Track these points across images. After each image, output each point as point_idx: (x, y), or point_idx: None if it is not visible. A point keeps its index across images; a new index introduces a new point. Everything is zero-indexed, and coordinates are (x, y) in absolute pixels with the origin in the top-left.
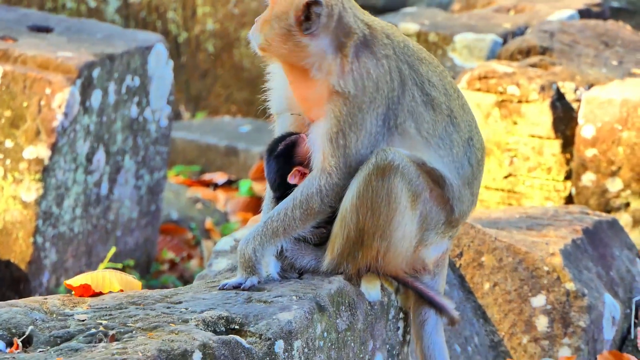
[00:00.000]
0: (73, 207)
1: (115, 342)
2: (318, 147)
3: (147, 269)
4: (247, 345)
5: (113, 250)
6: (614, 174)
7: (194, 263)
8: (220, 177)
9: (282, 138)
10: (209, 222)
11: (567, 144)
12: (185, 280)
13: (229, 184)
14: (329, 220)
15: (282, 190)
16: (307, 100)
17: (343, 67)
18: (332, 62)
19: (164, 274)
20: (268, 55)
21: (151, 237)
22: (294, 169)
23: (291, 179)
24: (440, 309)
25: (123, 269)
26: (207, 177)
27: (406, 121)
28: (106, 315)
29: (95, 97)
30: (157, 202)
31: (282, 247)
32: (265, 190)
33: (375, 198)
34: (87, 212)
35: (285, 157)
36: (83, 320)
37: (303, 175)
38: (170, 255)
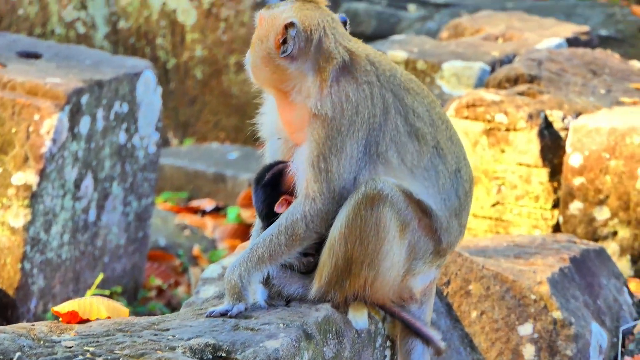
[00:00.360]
0: (61, 234)
1: None
2: (301, 172)
3: (134, 296)
4: None
5: (101, 276)
6: (601, 202)
7: (181, 290)
8: (208, 204)
9: (270, 167)
10: (196, 249)
11: (555, 172)
12: (173, 307)
13: (217, 211)
14: (317, 249)
15: (269, 219)
16: (291, 124)
17: (322, 90)
18: (312, 85)
19: (152, 300)
20: (255, 78)
21: (139, 264)
22: (281, 197)
23: (278, 208)
24: (426, 340)
25: (110, 296)
26: (195, 203)
27: (389, 150)
28: (93, 342)
29: (84, 124)
30: (145, 228)
31: (269, 275)
32: (253, 217)
33: (364, 227)
34: (75, 238)
35: (272, 186)
36: (70, 347)
37: (289, 204)
38: (157, 282)
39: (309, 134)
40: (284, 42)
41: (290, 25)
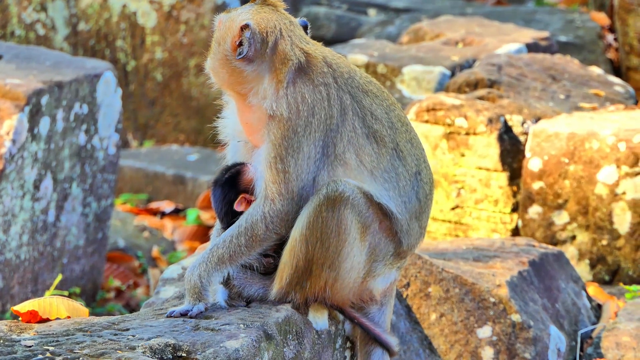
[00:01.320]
0: (20, 234)
1: None
2: (260, 174)
3: (93, 297)
4: None
5: (59, 277)
6: (560, 207)
7: (140, 291)
8: (167, 206)
9: (228, 168)
10: (155, 251)
11: (514, 176)
12: (132, 308)
13: (177, 213)
14: (277, 250)
15: (228, 219)
16: (249, 126)
17: (277, 91)
18: (268, 87)
19: (110, 301)
20: (214, 80)
21: (98, 265)
22: (240, 196)
23: (237, 206)
24: (384, 346)
25: (69, 297)
26: (154, 205)
27: (346, 152)
28: (53, 341)
29: (44, 125)
30: (104, 229)
31: (229, 275)
32: (213, 219)
33: (325, 229)
34: (33, 239)
35: (230, 185)
36: (30, 346)
37: (249, 203)
38: (116, 283)
39: (265, 136)
40: (240, 44)
41: (246, 27)
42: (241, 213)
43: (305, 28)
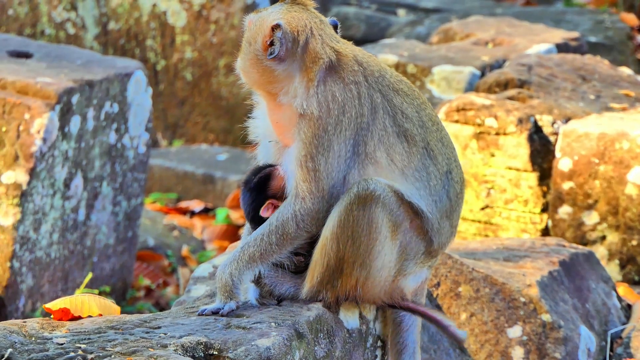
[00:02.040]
0: (50, 233)
1: None
2: (291, 173)
3: (123, 296)
4: None
5: (89, 276)
6: (590, 207)
7: (170, 290)
8: (197, 205)
9: (258, 170)
10: (185, 250)
11: (544, 176)
12: (161, 307)
13: (206, 212)
14: (308, 249)
15: (257, 222)
16: (279, 125)
17: (308, 90)
18: (298, 85)
19: (140, 300)
20: (245, 80)
21: (127, 264)
22: (268, 202)
23: (264, 212)
24: (444, 330)
25: (99, 295)
26: (184, 204)
27: (377, 150)
28: (85, 339)
29: (74, 123)
30: (134, 228)
31: (260, 274)
32: (242, 218)
33: (356, 227)
34: (64, 237)
35: (259, 190)
36: (62, 344)
37: (275, 209)
38: (146, 282)
39: (296, 134)
40: (272, 44)
41: (277, 27)
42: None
43: (335, 27)
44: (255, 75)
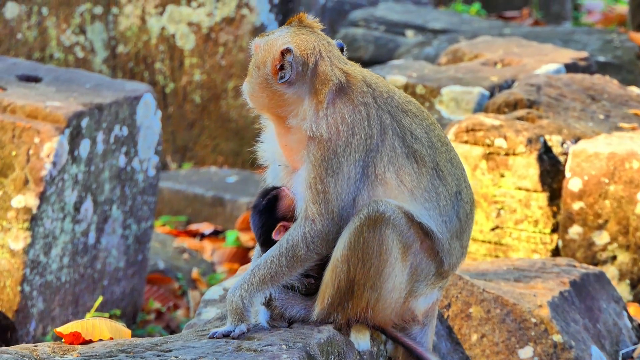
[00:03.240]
0: (60, 256)
1: None
2: (300, 195)
3: (133, 319)
4: None
5: (100, 299)
6: (600, 227)
7: (180, 313)
8: (206, 228)
9: (266, 192)
10: (195, 272)
11: (554, 196)
12: (172, 330)
13: (216, 235)
14: (318, 271)
15: (267, 244)
16: (288, 148)
17: (317, 112)
18: (308, 108)
19: (151, 323)
20: (253, 104)
21: (138, 287)
22: (278, 224)
23: (275, 235)
24: None
25: (110, 319)
26: (193, 227)
27: (386, 171)
28: None
29: (84, 147)
30: (144, 251)
31: (271, 296)
32: (252, 240)
33: (367, 249)
34: (74, 261)
35: (269, 213)
36: None
37: (287, 231)
38: (156, 305)
39: (305, 157)
40: (282, 68)
41: (287, 51)
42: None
43: (341, 50)
44: (265, 99)
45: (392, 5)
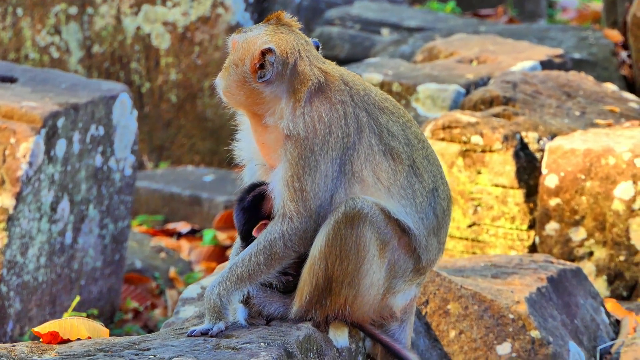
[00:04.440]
0: (37, 256)
1: None
2: (277, 193)
3: (111, 318)
4: None
5: (77, 299)
6: (577, 223)
7: (158, 312)
8: (183, 227)
9: (251, 188)
10: (172, 272)
11: (531, 193)
12: (150, 329)
13: (193, 234)
14: (296, 268)
15: (248, 240)
16: (265, 146)
17: (295, 111)
18: (285, 107)
19: (128, 323)
20: (228, 101)
21: (115, 287)
22: (260, 223)
23: (256, 233)
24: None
25: (87, 318)
26: (170, 226)
27: (363, 169)
28: None
29: (60, 147)
30: (121, 251)
31: (249, 294)
32: (229, 239)
33: (344, 246)
34: (51, 261)
35: (252, 210)
36: None
37: None
38: (134, 304)
39: (282, 155)
40: (261, 67)
41: (268, 51)
42: None
43: (317, 48)
44: (241, 97)
45: (367, 3)
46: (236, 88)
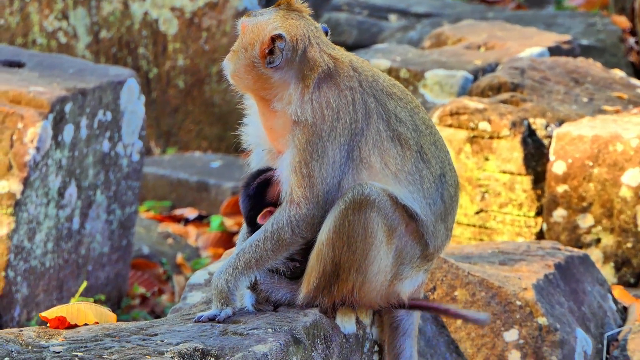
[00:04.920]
0: (45, 242)
1: None
2: (285, 179)
3: (118, 304)
4: None
5: (84, 284)
6: (585, 210)
7: (165, 298)
8: (191, 213)
9: (257, 174)
10: (180, 257)
11: (538, 180)
12: (157, 315)
13: (200, 220)
14: (304, 254)
15: (253, 227)
16: (273, 131)
17: (303, 97)
18: (293, 92)
19: (135, 308)
20: (236, 85)
21: (122, 272)
22: (265, 210)
23: (261, 220)
24: (465, 319)
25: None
26: (178, 212)
27: (371, 155)
28: (81, 347)
29: (67, 132)
30: (129, 237)
31: (257, 280)
32: (236, 225)
33: (352, 232)
34: (58, 246)
35: (258, 197)
36: (58, 352)
37: (272, 215)
38: (141, 290)
39: (290, 141)
40: (270, 52)
41: (278, 37)
42: None
43: (326, 34)
44: (249, 81)
45: None
46: (244, 72)
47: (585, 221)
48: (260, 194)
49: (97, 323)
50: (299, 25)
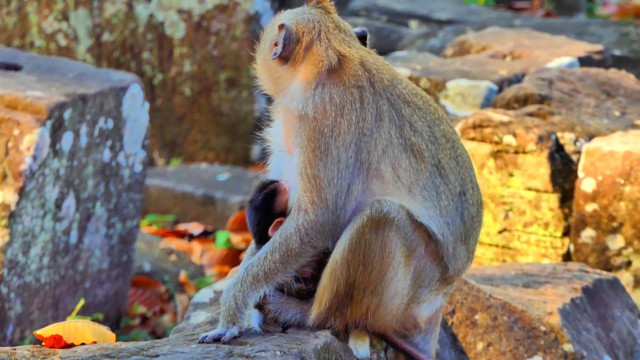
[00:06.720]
0: (40, 256)
1: None
2: (293, 183)
3: (117, 324)
4: None
5: (82, 302)
6: (615, 230)
7: (167, 318)
8: (196, 228)
9: (263, 187)
10: (183, 275)
11: (566, 198)
12: (157, 336)
13: (205, 235)
14: (315, 274)
15: (264, 242)
16: (285, 131)
17: (305, 92)
18: (297, 87)
19: (135, 329)
20: (259, 82)
21: (122, 290)
22: (275, 221)
23: (272, 232)
24: None
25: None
26: (182, 227)
27: (381, 162)
28: None
29: (66, 140)
30: (129, 252)
31: (265, 300)
32: (244, 242)
33: (368, 252)
34: (55, 261)
35: (266, 209)
36: None
37: None
38: (141, 309)
39: (295, 139)
40: (277, 44)
41: (282, 27)
42: None
43: (363, 37)
44: (264, 77)
45: None
46: (260, 66)
47: (616, 242)
48: (268, 205)
49: (95, 342)
50: (313, 20)
